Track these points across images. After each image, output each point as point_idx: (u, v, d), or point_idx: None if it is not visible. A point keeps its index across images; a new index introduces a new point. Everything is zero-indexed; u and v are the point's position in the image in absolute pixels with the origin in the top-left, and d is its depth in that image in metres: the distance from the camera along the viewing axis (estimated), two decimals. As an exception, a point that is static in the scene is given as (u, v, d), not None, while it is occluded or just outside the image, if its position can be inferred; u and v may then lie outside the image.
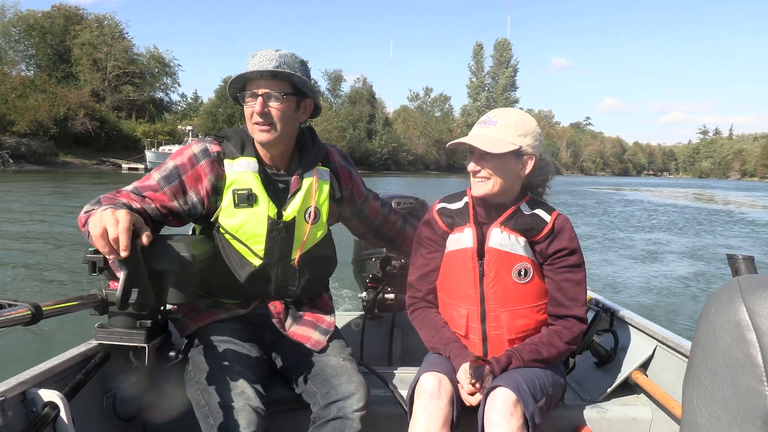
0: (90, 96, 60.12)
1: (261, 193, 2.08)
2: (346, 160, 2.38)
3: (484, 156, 2.05)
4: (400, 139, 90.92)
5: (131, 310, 1.81)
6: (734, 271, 1.46)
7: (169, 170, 2.06)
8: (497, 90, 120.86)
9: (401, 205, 3.26)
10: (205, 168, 2.06)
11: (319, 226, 2.21)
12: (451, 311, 2.18)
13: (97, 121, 56.40)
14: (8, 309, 1.44)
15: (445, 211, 2.22)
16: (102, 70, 65.66)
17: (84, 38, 64.59)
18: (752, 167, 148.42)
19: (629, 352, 2.53)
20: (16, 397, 1.72)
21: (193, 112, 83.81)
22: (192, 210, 2.08)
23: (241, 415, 1.85)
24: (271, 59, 2.02)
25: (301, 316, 2.26)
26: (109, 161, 55.25)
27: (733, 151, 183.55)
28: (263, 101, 2.03)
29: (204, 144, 2.11)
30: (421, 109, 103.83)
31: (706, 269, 11.71)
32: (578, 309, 2.08)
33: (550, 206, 2.16)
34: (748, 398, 0.68)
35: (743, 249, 14.87)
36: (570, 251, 2.08)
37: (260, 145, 2.13)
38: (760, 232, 19.50)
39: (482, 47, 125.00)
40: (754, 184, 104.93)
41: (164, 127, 67.04)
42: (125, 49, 67.45)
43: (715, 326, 0.73)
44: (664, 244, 15.56)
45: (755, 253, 13.84)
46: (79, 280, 8.22)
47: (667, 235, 17.70)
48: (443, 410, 1.93)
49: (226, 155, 2.10)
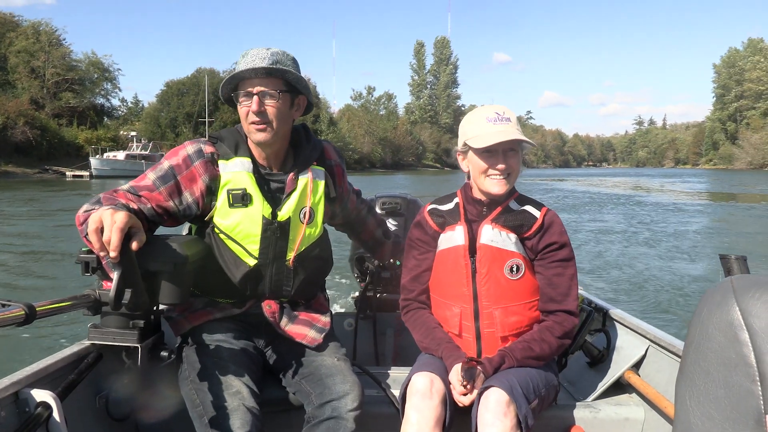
0: (29, 104, 60.15)
1: (255, 193, 2.08)
2: (340, 157, 2.37)
3: (508, 152, 2.06)
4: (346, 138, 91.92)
5: (124, 310, 1.82)
6: (726, 271, 1.49)
7: (164, 170, 2.06)
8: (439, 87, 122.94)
9: (387, 204, 3.24)
10: (199, 169, 2.06)
11: (314, 227, 2.21)
12: (445, 310, 2.18)
13: (37, 129, 56.32)
14: (2, 309, 1.44)
15: (436, 212, 2.23)
16: (40, 77, 65.58)
17: (20, 46, 64.07)
18: (684, 155, 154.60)
19: (622, 351, 2.53)
20: (9, 398, 1.72)
21: (134, 117, 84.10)
22: (187, 210, 2.08)
23: (235, 414, 1.85)
24: (263, 57, 2.01)
25: (296, 316, 2.25)
26: (52, 169, 55.17)
27: (667, 140, 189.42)
28: (259, 100, 2.02)
29: (198, 145, 2.11)
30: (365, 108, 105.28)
31: (701, 268, 11.48)
32: (569, 303, 2.09)
33: (539, 202, 2.17)
34: (741, 398, 0.68)
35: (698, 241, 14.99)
36: (560, 245, 2.09)
37: (255, 145, 2.12)
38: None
39: (423, 45, 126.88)
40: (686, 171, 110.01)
41: (107, 133, 67.44)
42: (63, 56, 67.55)
43: (708, 326, 0.73)
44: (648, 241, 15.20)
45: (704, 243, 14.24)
46: (70, 282, 8.22)
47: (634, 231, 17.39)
48: (435, 410, 1.93)
49: (221, 156, 2.10)
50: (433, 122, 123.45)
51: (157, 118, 78.86)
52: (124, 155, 55.92)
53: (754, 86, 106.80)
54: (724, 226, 18.42)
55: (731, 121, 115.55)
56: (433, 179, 61.76)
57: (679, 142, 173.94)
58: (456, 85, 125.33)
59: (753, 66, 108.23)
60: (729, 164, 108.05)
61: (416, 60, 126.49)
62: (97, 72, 72.11)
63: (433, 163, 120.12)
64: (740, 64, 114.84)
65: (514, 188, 2.17)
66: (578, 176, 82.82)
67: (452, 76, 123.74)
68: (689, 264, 11.63)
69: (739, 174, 79.00)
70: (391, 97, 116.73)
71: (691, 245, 14.15)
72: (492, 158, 2.06)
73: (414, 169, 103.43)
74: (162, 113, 79.81)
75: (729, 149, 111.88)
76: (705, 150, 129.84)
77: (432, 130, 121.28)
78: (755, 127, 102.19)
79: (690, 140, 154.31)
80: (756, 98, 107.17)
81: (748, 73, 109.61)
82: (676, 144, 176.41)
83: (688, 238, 15.41)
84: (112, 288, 1.72)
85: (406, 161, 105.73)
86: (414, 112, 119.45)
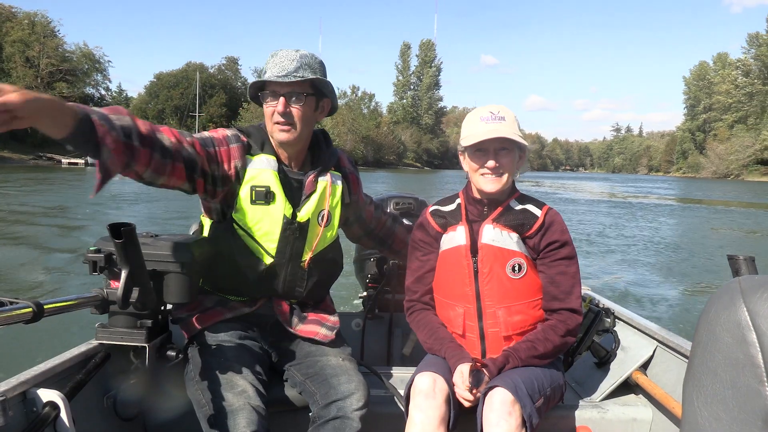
0: (24, 93, 61.16)
1: (279, 192, 2.08)
2: (353, 166, 2.40)
3: (500, 151, 2.06)
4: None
5: (132, 309, 1.83)
6: (735, 272, 1.51)
7: (205, 137, 2.04)
8: (422, 89, 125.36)
9: (400, 205, 3.24)
10: (234, 151, 2.06)
11: (330, 230, 2.23)
12: (448, 311, 2.18)
13: (32, 117, 57.73)
14: (10, 307, 1.45)
15: (438, 213, 2.23)
16: (35, 67, 66.79)
17: (15, 36, 65.41)
18: (657, 163, 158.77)
19: (629, 352, 2.53)
20: (17, 397, 1.71)
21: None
22: (214, 181, 2.02)
23: (241, 414, 1.85)
24: (292, 59, 2.03)
25: (305, 316, 2.27)
26: (45, 156, 56.86)
27: (642, 147, 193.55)
28: (285, 101, 2.03)
29: (234, 131, 2.12)
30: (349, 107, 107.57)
31: (706, 269, 11.64)
32: (572, 301, 2.09)
33: (539, 201, 2.17)
34: (749, 399, 0.68)
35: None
36: (561, 244, 2.09)
37: (278, 145, 2.13)
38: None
39: (409, 47, 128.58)
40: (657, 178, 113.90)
41: (99, 123, 68.36)
42: (57, 47, 68.60)
43: (716, 327, 0.73)
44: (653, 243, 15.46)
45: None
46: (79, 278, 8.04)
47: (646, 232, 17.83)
48: (439, 410, 1.94)
49: (251, 149, 2.11)
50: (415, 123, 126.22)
51: (145, 109, 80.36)
52: None
53: (723, 99, 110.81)
54: (728, 232, 19.08)
55: (700, 132, 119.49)
56: (413, 178, 63.01)
57: (653, 150, 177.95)
58: (438, 87, 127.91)
59: (722, 79, 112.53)
60: (696, 173, 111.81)
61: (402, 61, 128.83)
62: (88, 63, 72.95)
63: (413, 162, 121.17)
64: (709, 77, 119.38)
65: (515, 188, 2.19)
66: (553, 179, 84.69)
67: (435, 78, 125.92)
68: (696, 264, 11.97)
69: (703, 183, 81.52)
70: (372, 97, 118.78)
71: (701, 246, 14.57)
72: (484, 156, 2.07)
73: (395, 167, 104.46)
74: (150, 105, 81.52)
75: (697, 158, 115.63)
76: (676, 158, 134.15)
77: (413, 130, 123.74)
78: (721, 138, 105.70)
79: (663, 148, 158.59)
80: (724, 110, 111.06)
81: (717, 86, 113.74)
82: (650, 152, 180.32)
83: (689, 238, 15.96)
84: (119, 287, 1.74)
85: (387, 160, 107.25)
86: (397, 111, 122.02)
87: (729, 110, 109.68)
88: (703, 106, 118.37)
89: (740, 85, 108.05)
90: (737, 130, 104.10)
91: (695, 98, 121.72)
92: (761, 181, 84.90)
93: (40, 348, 5.13)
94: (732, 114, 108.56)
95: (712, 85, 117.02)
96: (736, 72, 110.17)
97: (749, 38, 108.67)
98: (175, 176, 1.87)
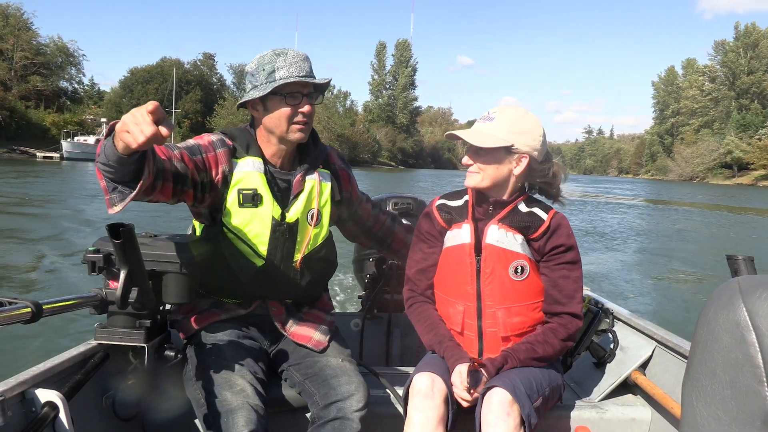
0: (-3, 85, 60.50)
1: (266, 194, 2.08)
2: (344, 162, 2.38)
3: (477, 150, 2.07)
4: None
5: (131, 309, 1.83)
6: (734, 272, 1.51)
7: (191, 145, 2.03)
8: (398, 88, 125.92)
9: (399, 205, 3.22)
10: (221, 156, 2.05)
11: (321, 229, 2.22)
12: (448, 308, 2.18)
13: (6, 110, 57.62)
14: (8, 307, 1.44)
15: (444, 207, 2.22)
16: (8, 60, 66.07)
17: (-12, 28, 64.78)
18: (627, 165, 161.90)
19: (628, 352, 2.54)
20: (16, 397, 1.70)
21: (89, 100, 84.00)
22: (203, 188, 2.02)
23: (240, 413, 1.85)
24: (305, 59, 2.07)
25: (301, 317, 2.27)
26: (19, 149, 56.53)
27: (613, 150, 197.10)
28: (308, 101, 2.06)
29: (219, 135, 2.12)
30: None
31: (705, 269, 11.74)
32: (574, 306, 2.09)
33: (547, 204, 2.17)
34: (748, 399, 0.68)
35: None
36: (567, 248, 2.09)
37: (270, 145, 2.13)
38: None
39: (385, 46, 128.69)
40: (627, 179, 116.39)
41: (73, 117, 68.26)
42: (30, 39, 68.04)
43: (715, 327, 0.73)
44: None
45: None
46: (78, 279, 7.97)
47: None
48: (437, 410, 1.94)
49: (236, 152, 2.10)
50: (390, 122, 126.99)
51: (119, 104, 79.46)
52: (95, 140, 56.77)
53: (690, 104, 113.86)
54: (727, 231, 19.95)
55: (668, 135, 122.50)
56: (388, 176, 63.27)
57: (623, 153, 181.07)
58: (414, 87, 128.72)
59: (689, 85, 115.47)
60: (664, 175, 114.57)
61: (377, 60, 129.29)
62: (62, 56, 72.12)
63: (388, 161, 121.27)
64: (678, 82, 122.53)
65: (524, 190, 2.18)
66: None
67: (411, 78, 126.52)
68: (695, 264, 12.14)
69: (670, 185, 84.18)
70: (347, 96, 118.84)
71: (696, 245, 14.83)
72: (468, 154, 2.11)
73: (370, 165, 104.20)
74: (124, 99, 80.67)
75: (665, 161, 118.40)
76: (645, 161, 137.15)
77: (388, 129, 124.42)
78: (688, 142, 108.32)
79: (633, 151, 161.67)
80: (690, 115, 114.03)
81: (685, 91, 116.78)
82: (620, 154, 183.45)
83: (690, 238, 16.29)
84: (118, 287, 1.74)
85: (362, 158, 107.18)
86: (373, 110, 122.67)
87: (695, 115, 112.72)
88: (671, 110, 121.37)
89: (706, 91, 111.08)
90: (703, 134, 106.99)
91: (664, 103, 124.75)
92: (724, 184, 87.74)
93: (38, 348, 5.14)
94: (698, 119, 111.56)
95: (680, 90, 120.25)
96: (702, 78, 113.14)
97: (716, 45, 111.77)
98: (162, 194, 1.87)
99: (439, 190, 2.48)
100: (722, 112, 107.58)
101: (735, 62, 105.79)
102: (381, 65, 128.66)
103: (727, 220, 25.86)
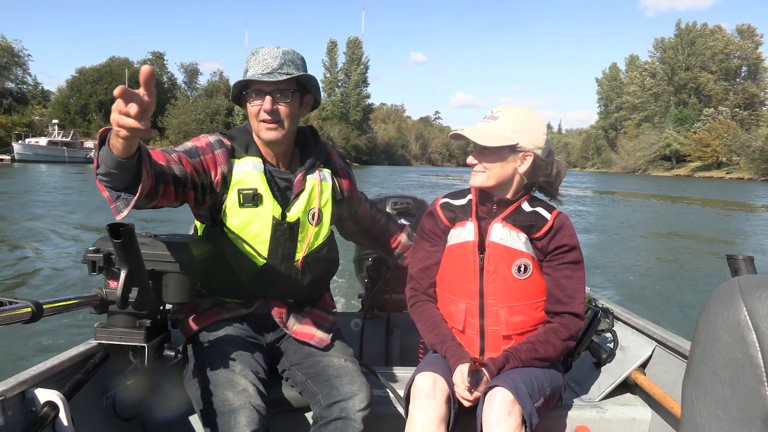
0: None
1: (266, 194, 2.07)
2: (344, 162, 2.37)
3: (482, 149, 2.07)
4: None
5: (131, 309, 1.82)
6: (734, 271, 1.51)
7: (189, 148, 2.02)
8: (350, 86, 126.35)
9: (398, 205, 3.22)
10: (219, 157, 2.04)
11: (322, 228, 2.21)
12: (450, 306, 2.17)
13: (-49, 113, 56.56)
14: (9, 306, 1.44)
15: (448, 206, 2.21)
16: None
17: (-71, 28, 63.16)
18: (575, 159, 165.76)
19: (628, 352, 2.54)
20: (16, 397, 1.70)
21: (33, 100, 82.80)
22: (203, 190, 2.01)
23: (241, 413, 1.84)
24: (275, 56, 2.01)
25: (303, 316, 2.26)
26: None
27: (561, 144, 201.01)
28: (271, 99, 2.01)
29: (217, 136, 2.10)
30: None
31: (705, 269, 11.67)
32: (576, 306, 2.09)
33: (550, 204, 2.17)
34: (748, 399, 0.68)
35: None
36: (570, 248, 2.09)
37: (265, 144, 2.12)
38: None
39: (336, 44, 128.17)
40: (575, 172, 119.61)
41: (22, 119, 67.38)
42: (-27, 40, 66.74)
43: (715, 326, 0.73)
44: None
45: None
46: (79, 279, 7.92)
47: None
48: (439, 410, 1.93)
49: (235, 152, 2.09)
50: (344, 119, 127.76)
51: (66, 104, 78.35)
52: (46, 141, 56.24)
53: (631, 99, 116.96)
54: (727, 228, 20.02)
55: (612, 130, 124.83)
56: None
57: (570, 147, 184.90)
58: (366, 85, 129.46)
59: (630, 80, 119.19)
60: (608, 168, 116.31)
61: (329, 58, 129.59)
62: (7, 57, 71.47)
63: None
64: (620, 78, 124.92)
65: (527, 189, 2.17)
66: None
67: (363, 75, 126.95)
68: (695, 264, 12.08)
69: (614, 177, 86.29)
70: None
71: (697, 244, 14.81)
72: (473, 153, 2.11)
73: None
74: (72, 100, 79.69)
75: (609, 155, 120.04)
76: (591, 155, 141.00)
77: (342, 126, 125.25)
78: (630, 136, 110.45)
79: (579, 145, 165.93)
80: (632, 110, 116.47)
81: (627, 86, 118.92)
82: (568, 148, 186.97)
83: (690, 238, 16.28)
84: (118, 287, 1.73)
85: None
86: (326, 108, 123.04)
87: (637, 110, 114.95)
88: (614, 105, 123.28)
89: (647, 87, 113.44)
90: (644, 128, 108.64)
91: (608, 98, 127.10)
92: (664, 176, 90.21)
93: (39, 348, 5.15)
94: (639, 113, 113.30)
95: (622, 86, 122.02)
96: (643, 74, 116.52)
97: (656, 42, 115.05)
98: (165, 198, 1.86)
99: (393, 186, 2.47)
100: (662, 106, 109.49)
101: (674, 59, 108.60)
102: (333, 63, 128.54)
103: (670, 209, 27.08)
